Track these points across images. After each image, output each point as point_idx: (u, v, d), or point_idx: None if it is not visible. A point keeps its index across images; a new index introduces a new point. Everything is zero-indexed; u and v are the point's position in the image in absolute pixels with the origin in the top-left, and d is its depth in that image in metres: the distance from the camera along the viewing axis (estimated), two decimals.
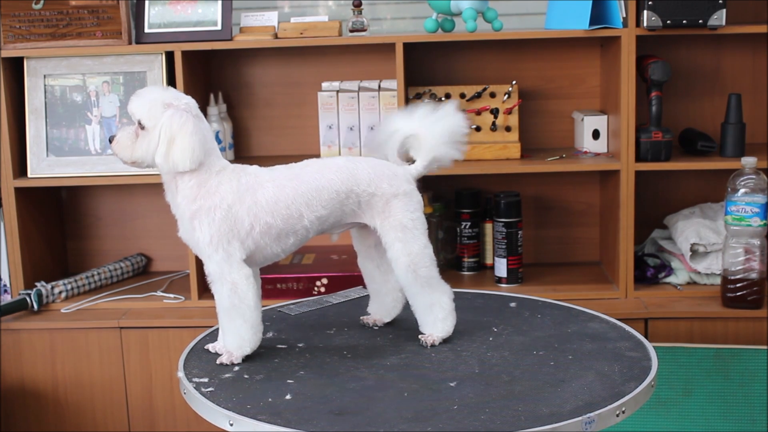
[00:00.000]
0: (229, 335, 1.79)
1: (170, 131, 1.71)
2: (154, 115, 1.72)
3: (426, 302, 1.85)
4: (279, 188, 1.76)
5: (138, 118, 1.73)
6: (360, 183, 1.80)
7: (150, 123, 1.72)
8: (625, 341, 1.87)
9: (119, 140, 1.75)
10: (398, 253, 1.81)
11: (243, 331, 1.77)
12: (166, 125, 1.71)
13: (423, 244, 1.83)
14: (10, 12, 2.63)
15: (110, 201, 2.99)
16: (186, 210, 1.74)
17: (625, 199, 2.59)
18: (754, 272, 2.50)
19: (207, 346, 1.87)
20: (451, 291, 1.88)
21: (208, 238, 1.73)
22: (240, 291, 1.74)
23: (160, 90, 1.76)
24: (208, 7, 2.64)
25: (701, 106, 2.86)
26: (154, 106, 1.72)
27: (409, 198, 1.83)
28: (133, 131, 1.75)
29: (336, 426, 1.51)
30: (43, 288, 2.68)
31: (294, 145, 2.94)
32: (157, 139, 1.72)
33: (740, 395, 2.41)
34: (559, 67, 2.89)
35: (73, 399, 2.63)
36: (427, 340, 1.86)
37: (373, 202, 1.81)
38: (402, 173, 1.85)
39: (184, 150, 1.71)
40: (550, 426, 1.49)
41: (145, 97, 1.74)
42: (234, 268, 1.74)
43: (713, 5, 2.47)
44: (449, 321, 1.88)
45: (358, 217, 1.83)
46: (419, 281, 1.83)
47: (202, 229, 1.73)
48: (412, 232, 1.82)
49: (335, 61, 2.89)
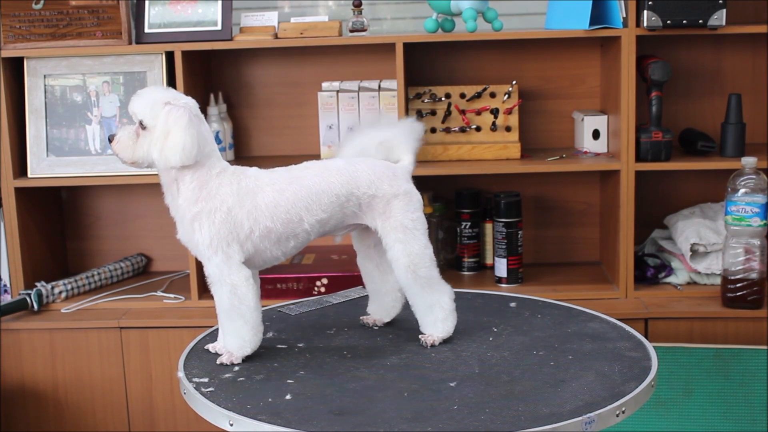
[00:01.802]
0: (229, 336, 1.79)
1: (166, 126, 1.71)
2: (155, 115, 1.71)
3: (426, 302, 1.85)
4: (279, 192, 1.76)
5: (140, 118, 1.73)
6: (360, 185, 1.80)
7: (152, 122, 1.72)
8: (625, 341, 1.87)
9: (120, 140, 1.74)
10: (398, 254, 1.81)
11: (243, 332, 1.77)
12: (162, 120, 1.71)
13: (423, 245, 1.83)
14: (10, 12, 2.63)
15: (110, 201, 2.99)
16: (187, 212, 1.74)
17: (625, 199, 2.59)
18: (754, 272, 2.50)
19: (207, 346, 1.87)
20: (451, 291, 1.88)
21: (207, 240, 1.72)
22: (240, 292, 1.74)
23: (161, 90, 1.76)
24: (208, 7, 2.64)
25: (701, 106, 2.86)
26: (156, 106, 1.72)
27: (409, 198, 1.83)
28: (134, 131, 1.74)
29: (336, 426, 1.51)
30: (43, 288, 2.68)
31: (294, 145, 2.94)
32: (156, 136, 1.72)
33: (740, 395, 2.41)
34: (559, 67, 2.89)
35: (73, 399, 2.63)
36: (427, 340, 1.86)
37: (373, 204, 1.81)
38: (401, 172, 1.86)
39: (176, 144, 1.70)
40: (550, 426, 1.49)
41: (146, 97, 1.73)
42: (233, 269, 1.73)
43: (713, 5, 2.47)
44: (449, 321, 1.87)
45: (358, 219, 1.83)
46: (419, 282, 1.82)
47: (202, 231, 1.72)
48: (412, 233, 1.82)
49: (335, 61, 2.90)
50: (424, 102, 2.78)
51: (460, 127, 2.77)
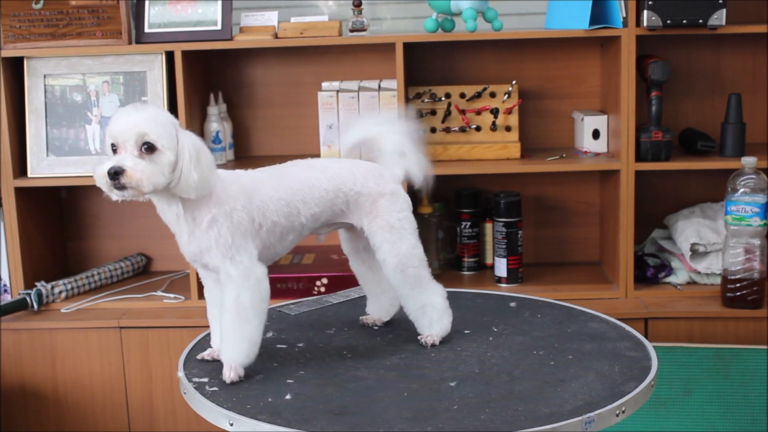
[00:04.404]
0: (235, 344, 1.70)
1: (195, 149, 1.62)
2: (170, 136, 1.59)
3: (417, 304, 1.84)
4: (277, 187, 1.76)
5: (149, 140, 1.58)
6: (346, 182, 1.79)
7: (167, 144, 1.59)
8: (625, 341, 1.87)
9: (137, 168, 1.56)
10: (386, 254, 1.80)
11: (255, 336, 1.70)
12: (188, 144, 1.61)
13: (411, 244, 1.81)
14: (10, 12, 2.63)
15: (110, 201, 2.94)
16: (202, 220, 1.68)
17: (625, 198, 2.59)
18: (754, 272, 2.50)
19: (200, 355, 1.82)
20: (443, 290, 1.86)
21: (230, 240, 1.68)
22: (262, 287, 1.70)
23: (151, 108, 1.63)
24: (208, 7, 2.64)
25: (701, 106, 2.86)
26: (168, 127, 1.60)
27: (395, 197, 1.82)
28: (137, 156, 1.58)
29: (336, 426, 1.51)
30: (43, 288, 2.68)
31: (294, 145, 2.94)
32: (182, 159, 1.61)
33: (740, 395, 2.41)
34: (559, 67, 2.89)
35: (73, 399, 2.64)
36: (427, 340, 1.85)
37: (360, 202, 1.80)
38: (388, 174, 1.85)
39: (210, 168, 1.64)
40: (550, 426, 1.48)
41: (147, 118, 1.59)
42: (255, 264, 1.71)
43: (713, 5, 2.47)
44: (445, 320, 1.86)
45: (346, 218, 1.83)
46: (409, 281, 1.81)
47: (221, 232, 1.67)
48: (399, 232, 1.80)
49: (335, 61, 2.90)
50: (424, 102, 2.78)
51: (460, 126, 2.77)
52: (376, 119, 1.95)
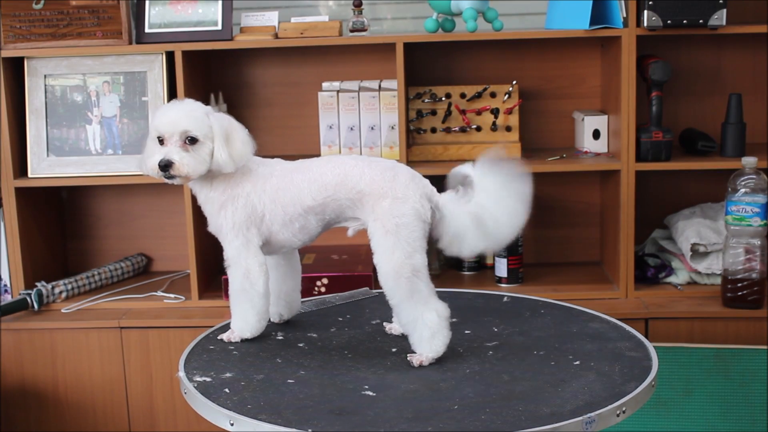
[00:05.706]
0: (235, 317, 1.89)
1: (224, 132, 1.81)
2: (204, 126, 1.80)
3: (408, 317, 1.75)
4: (282, 178, 1.84)
5: (190, 135, 1.78)
6: (351, 178, 1.79)
7: (203, 134, 1.79)
8: (625, 341, 1.87)
9: (183, 160, 1.78)
10: (379, 259, 1.75)
11: (249, 316, 1.87)
12: (218, 129, 1.81)
13: (407, 253, 1.72)
14: (11, 12, 2.63)
15: (110, 201, 2.99)
16: (216, 201, 1.83)
17: (625, 199, 2.59)
18: (755, 272, 2.50)
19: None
20: (444, 309, 1.75)
21: (231, 224, 1.82)
22: (252, 276, 1.83)
23: (187, 103, 1.84)
24: (209, 7, 2.64)
25: (701, 106, 2.86)
26: (201, 119, 1.80)
27: (400, 202, 1.74)
28: (181, 148, 1.78)
29: (336, 426, 1.51)
30: (44, 288, 2.68)
31: (294, 145, 2.94)
32: (215, 144, 1.80)
33: (740, 395, 2.41)
34: (559, 67, 2.89)
35: (73, 399, 2.64)
36: (414, 360, 1.75)
37: (363, 201, 1.78)
38: (411, 181, 1.78)
39: (244, 143, 1.83)
40: (551, 426, 1.49)
41: (184, 114, 1.79)
42: (250, 253, 1.83)
43: (713, 5, 2.47)
44: (438, 339, 1.75)
45: (355, 213, 1.82)
46: (400, 292, 1.73)
47: (226, 216, 1.82)
48: (395, 238, 1.72)
49: (335, 61, 2.90)
50: (424, 102, 2.78)
51: (460, 127, 2.77)
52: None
